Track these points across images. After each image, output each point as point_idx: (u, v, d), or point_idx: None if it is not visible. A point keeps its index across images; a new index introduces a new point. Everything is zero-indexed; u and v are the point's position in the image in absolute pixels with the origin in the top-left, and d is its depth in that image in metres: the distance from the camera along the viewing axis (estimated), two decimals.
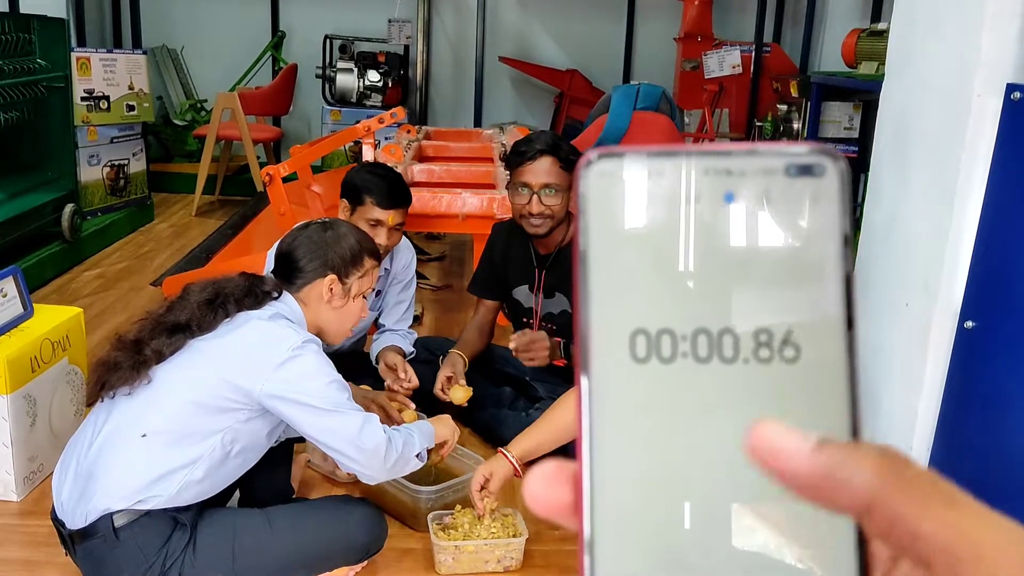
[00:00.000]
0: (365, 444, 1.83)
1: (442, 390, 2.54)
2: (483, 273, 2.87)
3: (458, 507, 2.15)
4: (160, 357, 1.82)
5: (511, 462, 2.04)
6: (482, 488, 2.03)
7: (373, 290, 2.70)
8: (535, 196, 2.51)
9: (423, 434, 2.02)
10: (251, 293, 1.91)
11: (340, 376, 1.89)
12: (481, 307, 2.85)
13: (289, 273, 1.99)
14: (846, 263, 0.31)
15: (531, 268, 2.72)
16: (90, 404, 1.89)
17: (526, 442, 2.10)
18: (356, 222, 2.61)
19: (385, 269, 2.73)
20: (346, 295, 2.00)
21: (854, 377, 0.31)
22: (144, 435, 1.77)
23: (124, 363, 1.81)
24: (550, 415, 2.18)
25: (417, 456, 1.96)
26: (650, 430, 0.31)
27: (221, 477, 1.85)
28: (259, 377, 1.79)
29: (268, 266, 2.20)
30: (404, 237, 2.84)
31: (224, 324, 1.86)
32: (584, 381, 0.31)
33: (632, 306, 0.31)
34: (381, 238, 2.55)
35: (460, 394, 2.51)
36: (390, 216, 2.60)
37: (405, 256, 2.82)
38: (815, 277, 0.31)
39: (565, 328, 2.74)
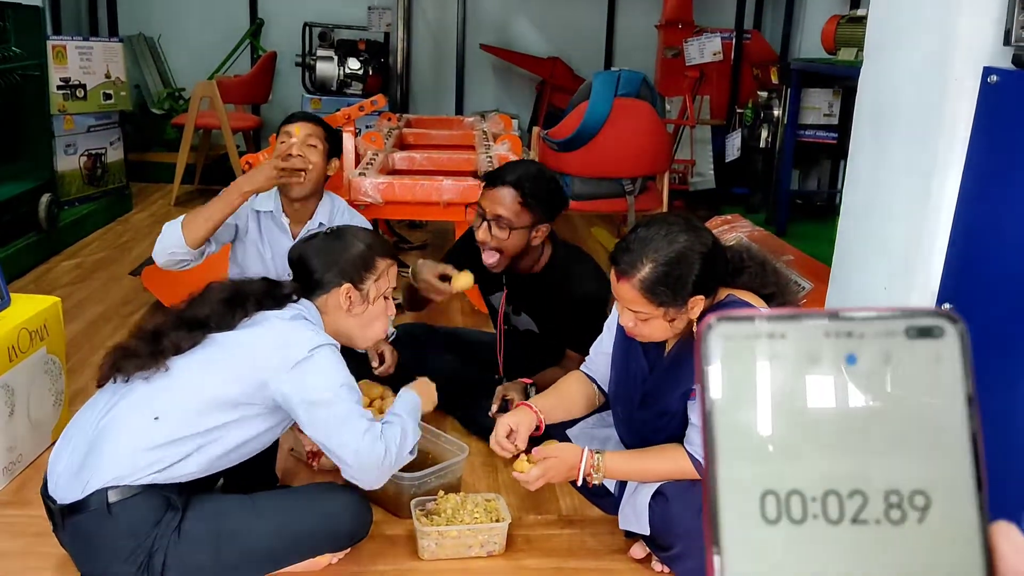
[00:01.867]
0: (365, 459, 1.84)
1: (440, 278, 2.43)
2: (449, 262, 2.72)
3: (441, 493, 2.16)
4: (178, 350, 1.85)
5: (535, 412, 2.02)
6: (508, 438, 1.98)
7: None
8: (485, 223, 2.45)
9: (413, 419, 2.01)
10: (271, 296, 1.94)
11: (352, 378, 1.90)
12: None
13: (306, 282, 2.01)
14: (972, 423, 0.32)
15: (499, 281, 2.67)
16: (100, 385, 1.91)
17: (542, 403, 2.08)
18: (274, 148, 2.67)
19: (320, 223, 2.66)
20: (365, 300, 2.01)
21: (986, 538, 0.31)
22: (156, 418, 1.80)
23: (141, 351, 1.84)
24: (562, 388, 2.18)
25: (409, 452, 1.97)
26: None
27: (220, 464, 1.88)
28: (275, 375, 1.82)
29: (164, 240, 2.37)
30: (364, 219, 2.80)
31: (243, 322, 1.89)
32: (715, 542, 0.31)
33: (761, 467, 0.31)
34: (293, 150, 2.54)
35: (464, 280, 2.35)
36: (296, 128, 2.61)
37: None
38: (941, 437, 0.31)
39: (532, 345, 2.73)
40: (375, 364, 2.58)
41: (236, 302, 1.90)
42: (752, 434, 0.31)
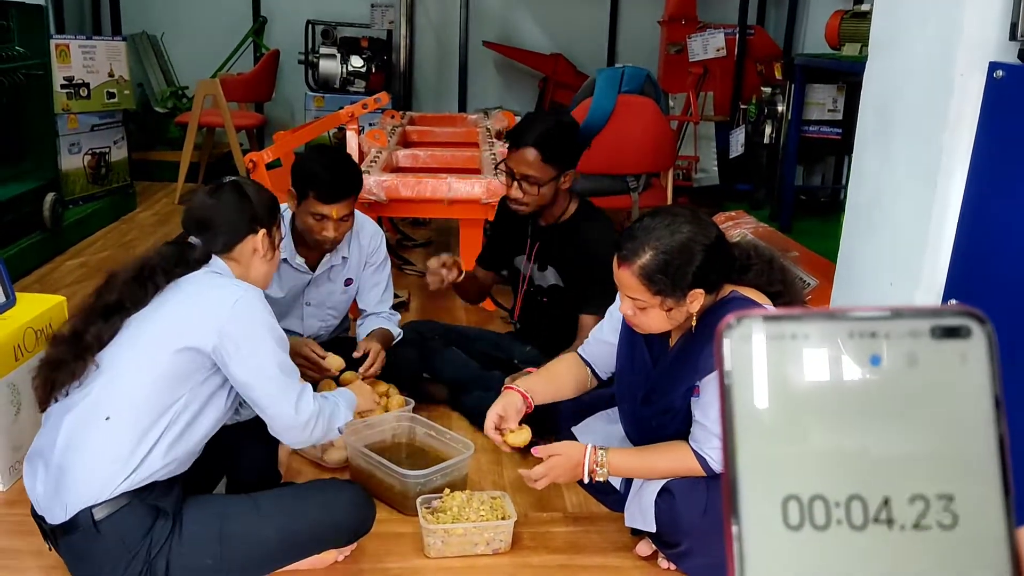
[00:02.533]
0: (299, 417, 1.88)
1: (497, 430, 2.03)
2: (487, 248, 3.02)
3: (447, 490, 2.16)
4: (101, 343, 1.80)
5: (521, 393, 2.02)
6: (497, 429, 1.99)
7: (348, 279, 2.70)
8: (516, 183, 2.61)
9: (348, 406, 2.06)
10: (181, 261, 1.90)
11: (281, 329, 1.91)
12: (477, 270, 2.98)
13: (213, 237, 1.95)
14: (999, 426, 0.31)
15: (526, 237, 2.79)
16: (43, 409, 1.86)
17: (529, 383, 2.09)
18: (302, 215, 2.52)
19: (343, 258, 2.68)
20: (273, 246, 2.02)
21: (1014, 544, 0.30)
22: (108, 418, 1.76)
23: (67, 358, 1.79)
24: (552, 368, 2.18)
25: (339, 429, 2.01)
26: None
27: (194, 442, 1.84)
28: (209, 333, 1.79)
29: None
30: (369, 220, 2.80)
31: (158, 296, 1.85)
32: (737, 548, 0.30)
33: (783, 472, 0.30)
34: (329, 231, 2.48)
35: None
36: (334, 210, 2.48)
37: (374, 240, 2.75)
38: (967, 440, 0.31)
39: (555, 302, 2.79)
40: (358, 354, 2.58)
41: (145, 277, 1.85)
42: (773, 437, 0.31)
